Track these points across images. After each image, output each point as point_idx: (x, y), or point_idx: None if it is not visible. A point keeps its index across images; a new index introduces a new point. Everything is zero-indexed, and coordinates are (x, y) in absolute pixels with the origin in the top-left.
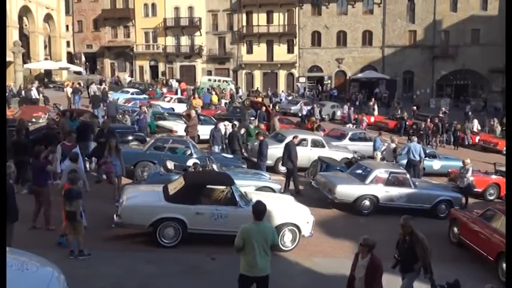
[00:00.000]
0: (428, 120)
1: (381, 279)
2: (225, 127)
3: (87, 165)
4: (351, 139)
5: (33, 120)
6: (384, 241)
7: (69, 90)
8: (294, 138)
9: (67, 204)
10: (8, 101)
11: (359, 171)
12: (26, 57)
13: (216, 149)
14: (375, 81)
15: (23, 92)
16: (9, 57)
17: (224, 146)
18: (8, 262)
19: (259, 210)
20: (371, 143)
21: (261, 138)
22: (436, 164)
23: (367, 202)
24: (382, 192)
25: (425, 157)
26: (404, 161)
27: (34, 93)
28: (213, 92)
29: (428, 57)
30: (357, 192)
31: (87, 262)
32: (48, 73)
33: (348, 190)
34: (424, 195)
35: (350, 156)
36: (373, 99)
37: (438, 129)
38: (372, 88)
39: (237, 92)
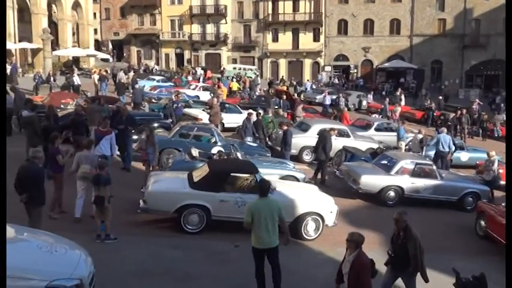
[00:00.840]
0: (459, 111)
1: (367, 277)
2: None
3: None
4: (376, 129)
5: (62, 106)
6: None
7: (96, 77)
8: (330, 130)
9: (95, 189)
10: (37, 88)
11: (384, 161)
12: (55, 44)
13: (249, 139)
14: (402, 70)
15: (51, 78)
16: (38, 44)
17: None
18: (37, 244)
19: (264, 187)
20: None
21: (285, 127)
22: (463, 156)
23: (392, 193)
24: (408, 183)
25: (454, 150)
26: (432, 152)
27: (76, 80)
28: (233, 79)
29: (458, 46)
30: (381, 183)
31: (114, 246)
32: (76, 60)
33: (372, 180)
34: (450, 187)
35: (375, 146)
36: (399, 89)
37: (467, 120)
38: (399, 78)
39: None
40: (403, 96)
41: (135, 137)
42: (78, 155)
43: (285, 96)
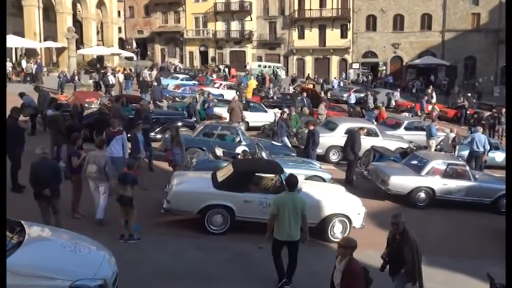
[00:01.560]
0: (493, 109)
1: (360, 287)
2: (275, 114)
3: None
4: (406, 128)
5: (86, 105)
6: (441, 236)
7: (120, 76)
8: (360, 129)
9: (120, 189)
10: (62, 87)
11: (414, 162)
12: (79, 43)
13: (286, 140)
14: (434, 67)
15: (76, 77)
16: (63, 43)
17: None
18: (61, 243)
19: (292, 182)
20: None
21: (311, 127)
22: (498, 156)
23: (422, 194)
24: (439, 184)
25: (489, 149)
26: (466, 152)
27: (111, 79)
28: (251, 77)
29: (493, 42)
30: (412, 184)
31: (137, 246)
32: (100, 59)
33: (402, 181)
34: (484, 189)
35: (405, 146)
36: (431, 86)
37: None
38: (431, 75)
39: (277, 78)
40: (434, 94)
41: (158, 136)
42: (89, 154)
43: (305, 94)
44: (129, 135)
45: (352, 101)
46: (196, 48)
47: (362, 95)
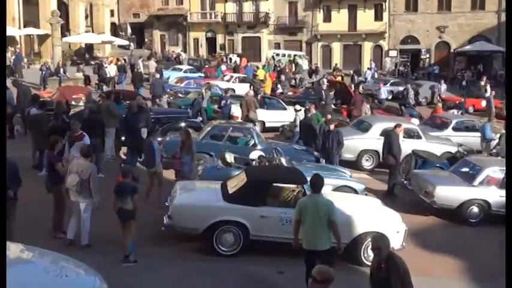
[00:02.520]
0: None
1: None
2: (296, 113)
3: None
4: (455, 129)
5: (73, 102)
6: (497, 260)
7: (113, 68)
8: (396, 127)
9: (118, 202)
10: (45, 81)
11: (465, 169)
12: (65, 30)
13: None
14: (488, 55)
15: (61, 69)
16: (46, 29)
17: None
18: (44, 267)
19: (317, 183)
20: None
21: (332, 126)
22: None
23: (475, 208)
24: (496, 196)
25: None
26: None
27: (109, 71)
28: (259, 66)
29: None
30: (462, 196)
31: (133, 270)
32: (89, 48)
33: (450, 193)
34: None
35: (454, 150)
36: (484, 78)
37: None
38: (485, 63)
39: (297, 68)
40: (489, 87)
41: (158, 138)
42: (72, 162)
43: (331, 87)
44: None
45: (383, 95)
46: (202, 35)
47: (401, 88)
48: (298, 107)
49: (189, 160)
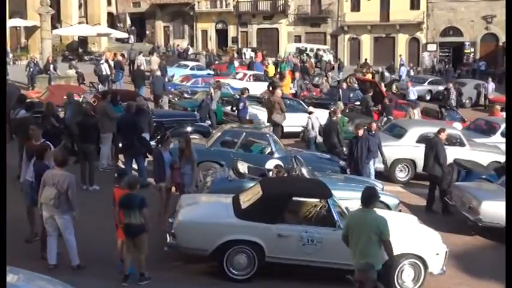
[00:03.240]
0: None
1: None
2: (309, 116)
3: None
4: (504, 134)
5: (60, 108)
6: None
7: (111, 64)
8: (439, 132)
9: (126, 216)
10: (33, 79)
11: None
12: (56, 21)
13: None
14: None
15: (51, 66)
16: (34, 20)
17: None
18: None
19: (367, 195)
20: None
21: (360, 132)
22: None
23: None
24: None
25: None
26: None
27: (105, 68)
28: (269, 62)
29: None
30: None
31: None
32: (83, 41)
33: (499, 209)
34: None
35: (502, 159)
36: None
37: None
38: None
39: (320, 64)
40: None
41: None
42: (45, 174)
43: (355, 84)
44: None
45: (412, 96)
46: (211, 26)
47: (441, 87)
48: (311, 108)
49: (190, 170)
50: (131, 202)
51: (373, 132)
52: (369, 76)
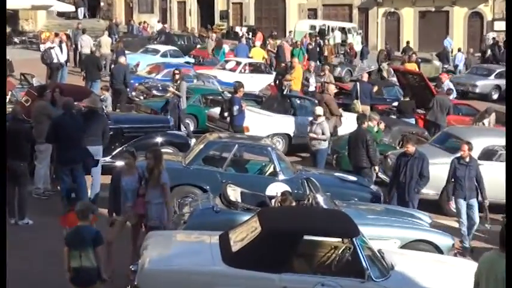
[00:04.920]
0: None
1: None
2: (316, 119)
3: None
4: None
5: None
6: None
7: (64, 48)
8: None
9: (74, 258)
10: None
11: None
12: None
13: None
14: None
15: None
16: None
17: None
18: None
19: (503, 233)
20: None
21: (410, 147)
22: None
23: None
24: None
25: None
26: None
27: (56, 53)
28: (255, 43)
29: None
30: None
31: None
32: (13, 17)
33: None
34: None
35: None
36: None
37: None
38: None
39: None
40: None
41: (117, 163)
42: None
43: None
44: None
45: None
46: None
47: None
48: (319, 110)
49: (159, 198)
50: (82, 237)
51: (467, 159)
52: (412, 66)
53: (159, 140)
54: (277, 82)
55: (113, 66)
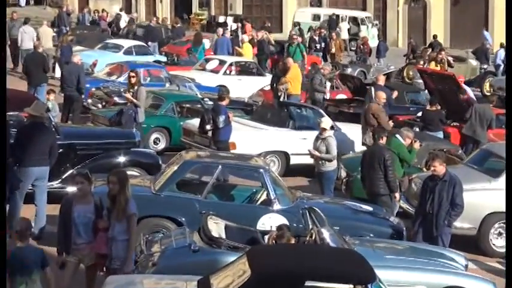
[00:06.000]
0: None
1: None
2: (322, 133)
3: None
4: None
5: None
6: None
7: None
8: None
9: (17, 285)
10: None
11: None
12: None
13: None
14: None
15: None
16: None
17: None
18: None
19: None
20: None
21: (439, 169)
22: None
23: None
24: None
25: None
26: None
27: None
28: (245, 37)
29: None
30: None
31: None
32: None
33: None
34: None
35: None
36: None
37: None
38: None
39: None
40: None
41: (68, 189)
42: None
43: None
44: None
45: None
46: None
47: None
48: (324, 122)
49: (123, 234)
50: (24, 260)
51: None
52: (440, 66)
53: (121, 159)
54: (274, 86)
55: (57, 65)
